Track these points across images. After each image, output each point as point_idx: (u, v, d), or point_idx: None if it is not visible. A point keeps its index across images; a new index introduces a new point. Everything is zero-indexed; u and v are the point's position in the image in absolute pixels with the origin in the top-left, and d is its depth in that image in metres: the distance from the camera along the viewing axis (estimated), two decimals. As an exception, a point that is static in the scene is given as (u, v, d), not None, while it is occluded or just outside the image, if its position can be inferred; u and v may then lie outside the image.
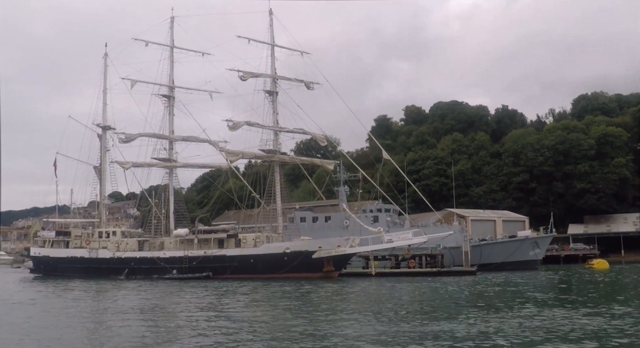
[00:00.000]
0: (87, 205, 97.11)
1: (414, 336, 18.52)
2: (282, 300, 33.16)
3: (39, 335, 20.42)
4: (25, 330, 21.61)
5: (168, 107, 61.56)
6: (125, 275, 56.21)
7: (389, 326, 20.83)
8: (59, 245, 63.53)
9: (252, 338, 18.94)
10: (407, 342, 17.47)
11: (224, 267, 53.45)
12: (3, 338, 20.06)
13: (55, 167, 64.97)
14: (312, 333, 19.69)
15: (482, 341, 17.44)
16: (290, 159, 59.66)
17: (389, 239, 53.09)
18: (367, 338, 18.25)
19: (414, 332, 19.27)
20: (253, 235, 55.67)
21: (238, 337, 19.10)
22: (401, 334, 18.95)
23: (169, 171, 62.01)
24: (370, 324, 21.37)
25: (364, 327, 20.54)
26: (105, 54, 65.52)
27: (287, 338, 18.73)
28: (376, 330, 19.94)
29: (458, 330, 19.38)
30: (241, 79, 56.17)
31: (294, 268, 52.07)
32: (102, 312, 28.38)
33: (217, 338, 19.14)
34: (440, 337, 18.34)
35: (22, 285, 50.32)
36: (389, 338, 18.20)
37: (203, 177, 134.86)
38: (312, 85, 59.62)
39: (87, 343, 18.77)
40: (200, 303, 31.57)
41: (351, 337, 18.50)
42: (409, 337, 18.44)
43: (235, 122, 54.95)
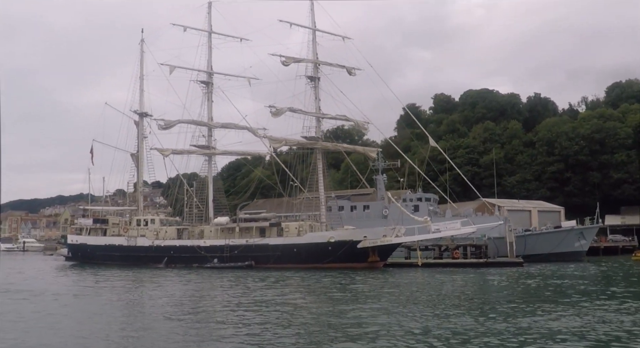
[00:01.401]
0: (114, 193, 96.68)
1: (483, 331, 17.67)
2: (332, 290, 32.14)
3: (80, 327, 19.53)
4: (65, 321, 20.74)
5: (207, 94, 60.37)
6: (164, 264, 55.33)
7: (454, 319, 19.91)
8: (97, 232, 62.82)
9: (305, 332, 18.11)
10: (475, 337, 16.60)
11: (266, 256, 52.31)
12: (41, 329, 19.05)
13: (92, 154, 64.18)
14: (371, 326, 18.94)
15: (552, 337, 16.42)
16: (333, 146, 58.11)
17: (436, 229, 51.74)
18: (434, 333, 17.44)
19: (481, 326, 18.44)
20: (296, 224, 54.42)
21: (293, 331, 18.25)
22: (467, 328, 18.08)
23: (208, 158, 60.89)
24: (434, 318, 20.38)
25: (427, 321, 19.61)
26: (141, 40, 64.54)
27: (353, 334, 17.63)
28: (441, 325, 18.94)
29: (527, 325, 18.48)
30: (283, 64, 54.80)
31: (338, 258, 50.86)
32: (149, 302, 27.37)
33: (267, 328, 18.50)
34: (507, 332, 17.37)
35: (61, 273, 49.57)
36: (456, 333, 17.35)
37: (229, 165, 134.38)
38: (354, 71, 58.06)
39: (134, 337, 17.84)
40: (248, 293, 30.63)
41: (413, 332, 17.66)
42: (477, 331, 17.56)
43: (278, 108, 53.60)
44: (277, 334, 17.44)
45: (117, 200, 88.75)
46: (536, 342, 15.82)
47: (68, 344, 16.72)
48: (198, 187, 61.11)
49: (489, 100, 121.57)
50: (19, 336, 17.64)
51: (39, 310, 23.13)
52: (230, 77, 60.70)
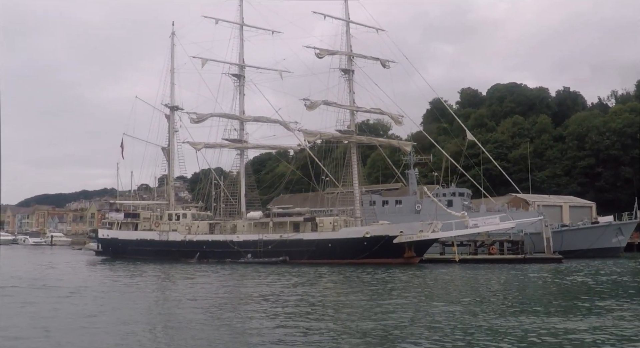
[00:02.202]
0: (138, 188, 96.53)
1: (534, 329, 16.94)
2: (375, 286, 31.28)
3: (123, 325, 18.78)
4: (107, 318, 20.02)
5: (238, 87, 59.68)
6: (197, 259, 54.77)
7: (504, 318, 19.12)
8: (128, 227, 62.47)
9: (354, 331, 17.31)
10: (526, 336, 15.86)
11: (300, 252, 51.57)
12: (75, 329, 18.24)
13: (122, 148, 63.74)
14: (420, 324, 18.28)
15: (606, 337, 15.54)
16: (368, 139, 57.20)
17: (474, 224, 50.70)
18: (483, 331, 16.74)
19: (532, 323, 17.74)
20: (330, 218, 53.59)
21: (340, 329, 17.62)
22: (517, 327, 17.37)
23: (240, 152, 60.27)
24: (492, 317, 19.53)
25: (485, 320, 18.75)
26: (172, 33, 64.00)
27: (405, 334, 16.89)
28: (490, 322, 18.17)
29: (576, 325, 17.69)
30: (317, 56, 53.95)
31: (373, 253, 50.01)
32: (190, 298, 26.50)
33: (313, 327, 17.82)
34: (560, 332, 16.50)
35: (94, 268, 49.06)
36: (506, 331, 16.70)
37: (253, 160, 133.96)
38: (388, 63, 57.06)
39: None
40: (288, 289, 29.95)
41: (476, 330, 16.91)
42: (527, 330, 16.80)
43: (313, 101, 52.73)
44: (324, 334, 16.83)
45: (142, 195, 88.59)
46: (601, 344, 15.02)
47: (113, 342, 16.10)
48: (230, 181, 60.46)
49: (517, 94, 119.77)
50: (67, 336, 16.98)
51: (80, 308, 22.38)
52: (262, 70, 59.96)
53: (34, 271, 43.39)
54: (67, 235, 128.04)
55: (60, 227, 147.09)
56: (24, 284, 31.54)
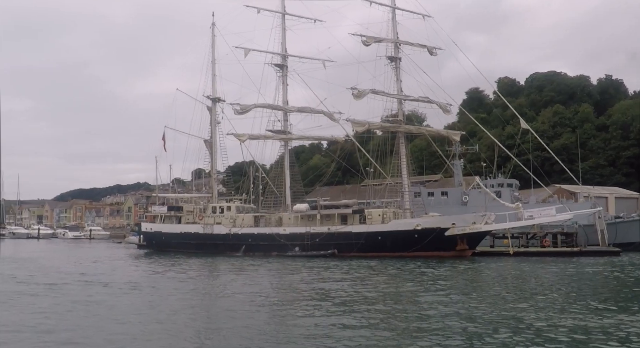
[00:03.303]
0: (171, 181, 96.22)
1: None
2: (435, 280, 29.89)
3: (189, 322, 17.89)
4: (151, 316, 19.02)
5: (281, 77, 58.56)
6: (242, 252, 53.84)
7: (584, 314, 17.89)
8: (171, 220, 61.84)
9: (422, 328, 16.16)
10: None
11: (349, 245, 50.35)
12: (149, 324, 17.52)
13: (164, 141, 63.16)
14: (482, 319, 17.29)
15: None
16: (416, 129, 55.73)
17: (529, 216, 49.00)
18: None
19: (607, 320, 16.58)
20: (379, 210, 52.27)
21: (404, 326, 16.49)
22: (593, 324, 16.19)
23: (284, 144, 59.24)
24: (572, 314, 18.19)
25: (565, 318, 17.37)
26: (212, 24, 63.10)
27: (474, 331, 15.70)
28: (568, 322, 16.77)
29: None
30: (364, 44, 52.59)
31: (424, 246, 48.62)
32: (245, 292, 25.56)
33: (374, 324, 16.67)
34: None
35: (140, 262, 48.21)
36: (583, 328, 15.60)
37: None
38: (435, 50, 55.48)
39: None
40: (338, 283, 28.89)
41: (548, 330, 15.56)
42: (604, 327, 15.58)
43: (361, 90, 51.37)
44: (377, 331, 15.76)
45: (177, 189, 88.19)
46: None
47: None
48: (274, 173, 59.41)
49: (557, 83, 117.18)
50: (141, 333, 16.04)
51: (140, 305, 21.46)
52: (304, 59, 58.74)
53: (81, 265, 42.54)
54: (105, 228, 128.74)
55: (97, 220, 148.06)
56: (77, 280, 30.40)
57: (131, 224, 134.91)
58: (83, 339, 14.99)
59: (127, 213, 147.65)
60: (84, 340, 14.89)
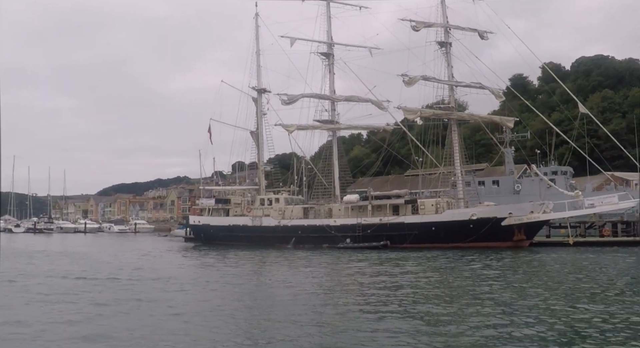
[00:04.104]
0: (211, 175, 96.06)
1: None
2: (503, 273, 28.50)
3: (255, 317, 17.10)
4: (215, 313, 17.93)
5: (328, 66, 57.49)
6: (292, 244, 53.07)
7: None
8: (219, 213, 61.40)
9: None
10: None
11: (402, 236, 49.14)
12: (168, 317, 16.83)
13: (210, 133, 62.67)
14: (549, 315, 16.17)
15: None
16: (469, 116, 54.13)
17: (590, 204, 47.08)
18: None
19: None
20: (432, 200, 50.95)
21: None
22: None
23: (332, 134, 58.22)
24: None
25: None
26: (256, 14, 62.26)
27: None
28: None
29: None
30: (414, 29, 51.08)
31: (480, 236, 47.17)
32: (305, 285, 24.75)
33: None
34: None
35: (191, 255, 47.67)
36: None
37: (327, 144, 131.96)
38: (486, 34, 53.69)
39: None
40: (395, 275, 27.78)
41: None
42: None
43: (412, 76, 49.94)
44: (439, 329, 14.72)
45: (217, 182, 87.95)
46: None
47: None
48: (324, 164, 58.39)
49: (605, 67, 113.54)
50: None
51: (202, 302, 20.51)
52: (351, 47, 57.51)
53: (132, 260, 41.87)
54: (149, 222, 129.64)
55: (141, 214, 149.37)
56: (133, 275, 29.50)
57: (174, 217, 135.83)
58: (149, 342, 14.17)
59: (170, 206, 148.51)
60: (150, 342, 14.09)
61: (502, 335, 13.78)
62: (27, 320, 16.78)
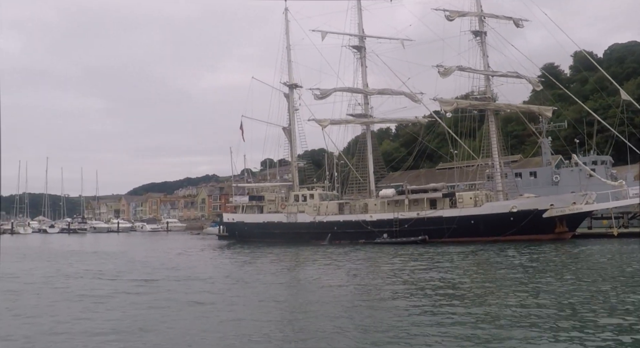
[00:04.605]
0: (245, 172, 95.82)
1: None
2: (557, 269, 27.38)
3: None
4: (262, 313, 17.22)
5: (360, 59, 56.73)
6: (328, 241, 52.51)
7: None
8: (253, 210, 61.09)
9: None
10: None
11: (440, 230, 48.30)
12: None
13: (242, 130, 62.28)
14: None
15: None
16: (506, 106, 52.90)
17: (634, 194, 45.69)
18: None
19: None
20: (471, 193, 50.00)
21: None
22: None
23: (366, 127, 57.48)
24: None
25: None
26: (285, 9, 61.70)
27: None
28: None
29: None
30: (448, 19, 50.13)
31: (521, 229, 46.13)
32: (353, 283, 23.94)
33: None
34: None
35: (225, 254, 46.76)
36: None
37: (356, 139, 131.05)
38: (522, 22, 52.50)
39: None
40: (437, 272, 26.94)
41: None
42: None
43: (447, 67, 48.99)
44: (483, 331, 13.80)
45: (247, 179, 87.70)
46: None
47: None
48: (358, 159, 57.66)
49: (639, 53, 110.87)
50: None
51: (247, 301, 19.89)
52: (383, 40, 56.66)
53: (168, 259, 40.91)
54: (180, 220, 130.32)
55: (172, 213, 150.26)
56: (172, 275, 28.51)
57: (205, 215, 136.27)
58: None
59: (201, 204, 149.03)
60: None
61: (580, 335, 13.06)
62: (69, 327, 15.73)
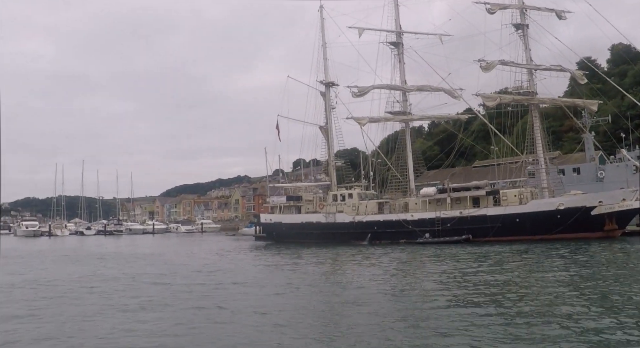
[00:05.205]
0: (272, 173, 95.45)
1: None
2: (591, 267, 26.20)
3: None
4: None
5: (397, 55, 55.75)
6: (368, 241, 51.69)
7: None
8: (290, 210, 60.52)
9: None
10: None
11: (484, 229, 47.09)
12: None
13: (278, 130, 61.79)
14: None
15: None
16: (550, 101, 51.46)
17: (688, 189, 44.03)
18: None
19: None
20: (515, 191, 48.71)
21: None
22: None
23: (405, 125, 56.49)
24: None
25: None
26: (320, 7, 60.99)
27: None
28: None
29: None
30: (489, 12, 48.96)
31: (568, 227, 44.72)
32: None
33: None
34: None
35: (266, 256, 45.76)
36: None
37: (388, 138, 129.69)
38: (564, 14, 51.01)
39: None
40: (485, 273, 25.71)
41: None
42: None
43: (489, 61, 47.82)
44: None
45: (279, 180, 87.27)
46: None
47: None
48: (397, 157, 56.66)
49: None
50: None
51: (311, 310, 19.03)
52: (420, 35, 55.63)
53: (207, 261, 39.76)
54: (214, 221, 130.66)
55: (206, 214, 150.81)
56: (214, 279, 27.26)
57: (239, 216, 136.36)
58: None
59: (235, 205, 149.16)
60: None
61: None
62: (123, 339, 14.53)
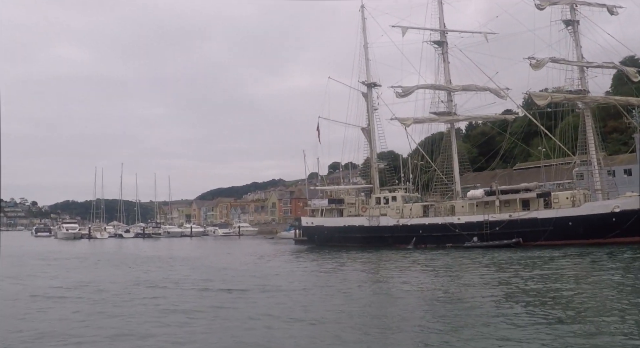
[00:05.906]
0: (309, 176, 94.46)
1: None
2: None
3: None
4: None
5: (442, 55, 54.44)
6: (413, 245, 50.42)
7: None
8: (332, 213, 59.48)
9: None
10: None
11: (535, 232, 45.44)
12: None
13: (319, 132, 61.00)
14: None
15: None
16: (603, 99, 49.62)
17: None
18: None
19: None
20: (567, 193, 46.98)
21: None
22: None
23: (450, 126, 55.14)
24: None
25: None
26: (361, 6, 59.93)
27: None
28: None
29: None
30: (538, 8, 47.44)
31: (624, 231, 42.85)
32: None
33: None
34: None
35: (311, 260, 44.48)
36: None
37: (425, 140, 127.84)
38: (616, 9, 49.17)
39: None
40: (542, 280, 24.48)
41: None
42: None
43: (539, 59, 46.26)
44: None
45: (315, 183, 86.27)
46: None
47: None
48: (443, 159, 55.23)
49: None
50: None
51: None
52: (465, 33, 54.23)
53: (249, 266, 38.75)
54: (251, 225, 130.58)
55: (242, 217, 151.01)
56: (260, 285, 25.99)
57: (276, 219, 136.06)
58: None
59: (272, 209, 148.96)
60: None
61: None
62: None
